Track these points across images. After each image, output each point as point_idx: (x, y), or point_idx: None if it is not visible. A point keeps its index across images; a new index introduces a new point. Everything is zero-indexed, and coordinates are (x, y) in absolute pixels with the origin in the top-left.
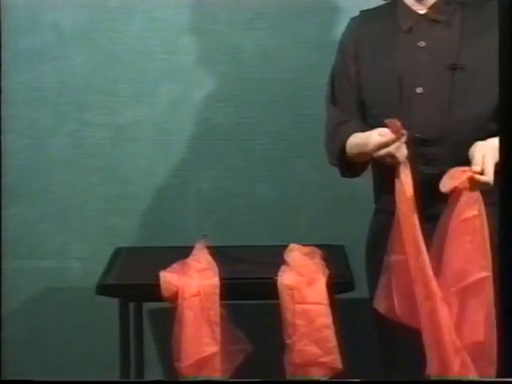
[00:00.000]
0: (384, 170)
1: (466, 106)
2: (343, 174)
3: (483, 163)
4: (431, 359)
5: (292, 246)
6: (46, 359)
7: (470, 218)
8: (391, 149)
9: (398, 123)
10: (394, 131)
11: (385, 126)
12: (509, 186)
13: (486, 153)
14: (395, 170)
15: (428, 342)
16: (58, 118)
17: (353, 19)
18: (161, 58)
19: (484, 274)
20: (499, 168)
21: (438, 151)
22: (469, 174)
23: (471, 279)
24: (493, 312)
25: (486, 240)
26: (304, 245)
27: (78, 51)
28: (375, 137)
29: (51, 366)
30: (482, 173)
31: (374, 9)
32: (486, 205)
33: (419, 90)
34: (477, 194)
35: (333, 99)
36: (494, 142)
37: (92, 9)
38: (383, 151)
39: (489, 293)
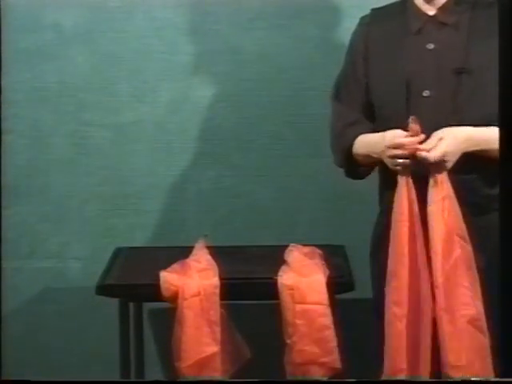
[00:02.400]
0: (390, 171)
1: (472, 109)
2: (348, 175)
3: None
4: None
5: (292, 246)
6: (46, 359)
7: (440, 200)
8: (406, 151)
9: (418, 126)
10: (413, 130)
11: (392, 128)
12: (509, 188)
13: (443, 137)
14: (397, 177)
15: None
16: (58, 118)
17: (363, 18)
18: (161, 58)
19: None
20: (499, 169)
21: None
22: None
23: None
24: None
25: (459, 215)
26: (304, 245)
27: (78, 51)
28: (391, 134)
29: (51, 366)
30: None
31: (384, 7)
32: (492, 210)
33: (426, 93)
34: (442, 176)
35: (339, 98)
36: (461, 131)
37: (92, 9)
38: (397, 151)
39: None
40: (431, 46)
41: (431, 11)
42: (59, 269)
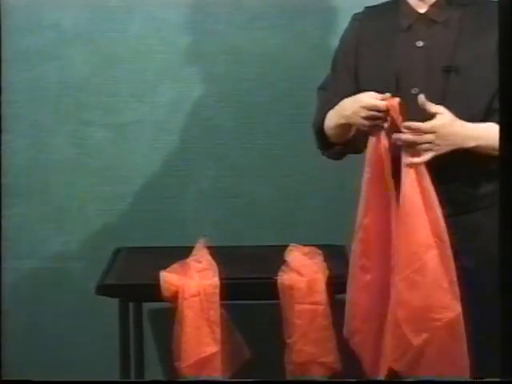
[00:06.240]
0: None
1: (459, 108)
2: (324, 154)
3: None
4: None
5: (292, 246)
6: (46, 359)
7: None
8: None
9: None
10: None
11: None
12: (509, 187)
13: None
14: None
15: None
16: (58, 118)
17: (356, 14)
18: (161, 58)
19: (434, 252)
20: (499, 169)
21: None
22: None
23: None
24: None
25: (439, 214)
26: (304, 245)
27: (78, 51)
28: (366, 95)
29: (51, 366)
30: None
31: (377, 5)
32: (478, 209)
33: (415, 90)
34: (422, 168)
35: (327, 87)
36: (461, 127)
37: (92, 9)
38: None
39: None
40: (420, 44)
41: (422, 9)
42: (59, 269)
